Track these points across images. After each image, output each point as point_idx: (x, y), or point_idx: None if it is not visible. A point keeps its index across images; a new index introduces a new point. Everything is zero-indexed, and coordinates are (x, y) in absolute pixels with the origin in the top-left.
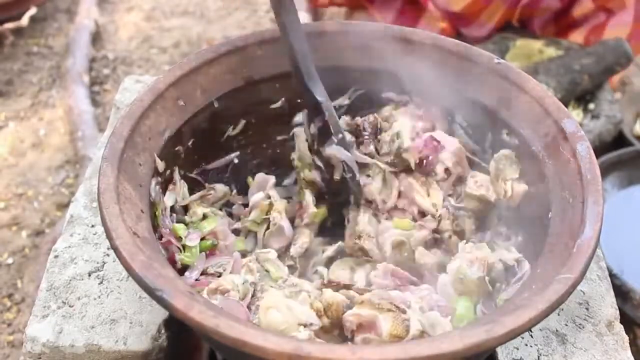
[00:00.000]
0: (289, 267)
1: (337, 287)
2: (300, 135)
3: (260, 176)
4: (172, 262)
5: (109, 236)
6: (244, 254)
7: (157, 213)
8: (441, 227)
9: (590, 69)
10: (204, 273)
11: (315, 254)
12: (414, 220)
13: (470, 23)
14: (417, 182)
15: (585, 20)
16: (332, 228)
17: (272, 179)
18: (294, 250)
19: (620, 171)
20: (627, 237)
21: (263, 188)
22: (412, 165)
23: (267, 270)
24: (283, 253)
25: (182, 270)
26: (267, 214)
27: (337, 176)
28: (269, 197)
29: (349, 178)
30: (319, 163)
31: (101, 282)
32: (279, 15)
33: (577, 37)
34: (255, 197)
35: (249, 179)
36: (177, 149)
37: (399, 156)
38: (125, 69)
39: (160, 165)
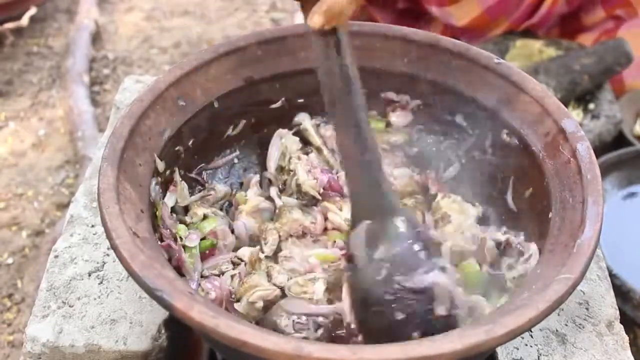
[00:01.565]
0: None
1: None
2: (291, 139)
3: (259, 177)
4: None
5: (109, 236)
6: None
7: (157, 213)
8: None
9: (590, 69)
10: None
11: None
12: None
13: (473, 36)
14: (331, 204)
15: (594, 26)
16: None
17: None
18: (267, 249)
19: (620, 171)
20: (627, 237)
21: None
22: (318, 196)
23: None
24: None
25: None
26: None
27: None
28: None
29: None
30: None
31: (101, 282)
32: None
33: (585, 40)
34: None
35: (249, 179)
36: (177, 149)
37: (300, 192)
38: (125, 69)
39: (160, 165)
